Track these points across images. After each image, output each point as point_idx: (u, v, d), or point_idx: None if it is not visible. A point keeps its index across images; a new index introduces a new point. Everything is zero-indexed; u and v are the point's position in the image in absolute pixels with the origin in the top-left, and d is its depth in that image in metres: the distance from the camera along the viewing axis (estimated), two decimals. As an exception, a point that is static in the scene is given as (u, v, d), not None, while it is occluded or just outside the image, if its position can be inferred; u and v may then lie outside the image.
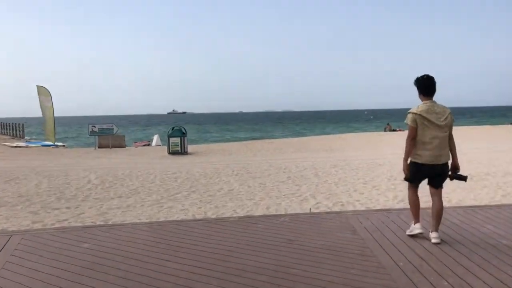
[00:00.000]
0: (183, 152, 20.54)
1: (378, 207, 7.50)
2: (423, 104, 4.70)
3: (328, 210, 7.27)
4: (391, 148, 20.10)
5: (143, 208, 8.39)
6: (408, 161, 4.80)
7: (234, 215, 7.28)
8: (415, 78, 4.80)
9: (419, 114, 4.62)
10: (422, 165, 4.68)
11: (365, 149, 20.76)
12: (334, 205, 7.99)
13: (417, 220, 4.89)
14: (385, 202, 8.15)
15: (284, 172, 12.91)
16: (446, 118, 4.65)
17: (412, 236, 4.86)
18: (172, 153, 20.42)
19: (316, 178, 11.55)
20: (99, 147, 25.63)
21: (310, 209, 7.59)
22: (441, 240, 4.64)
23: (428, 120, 4.60)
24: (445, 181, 4.80)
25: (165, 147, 21.90)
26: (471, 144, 20.77)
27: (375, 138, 28.24)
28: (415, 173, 4.78)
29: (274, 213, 7.56)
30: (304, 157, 17.20)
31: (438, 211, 4.72)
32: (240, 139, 38.12)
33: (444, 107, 4.73)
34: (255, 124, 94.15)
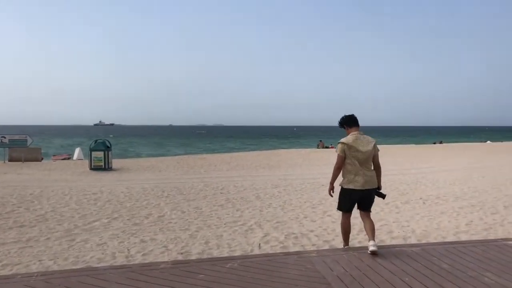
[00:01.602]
0: (106, 167, 18.48)
1: (339, 240, 6.41)
2: (351, 135, 5.12)
3: (284, 250, 6.00)
4: (329, 167, 19.46)
5: (48, 243, 6.65)
6: (339, 189, 5.17)
7: (167, 256, 5.81)
8: (338, 121, 5.32)
9: (347, 144, 5.02)
10: (354, 191, 5.03)
11: (303, 166, 19.96)
12: (286, 238, 6.77)
13: (346, 243, 5.37)
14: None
15: (221, 193, 11.55)
16: (372, 147, 5.07)
17: None
18: (94, 168, 18.30)
19: (259, 201, 10.32)
20: (9, 161, 22.61)
21: (260, 245, 6.32)
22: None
23: (356, 149, 5.00)
24: (372, 204, 5.23)
25: (87, 161, 19.69)
26: (409, 165, 20.80)
27: (310, 155, 27.71)
28: (347, 199, 5.13)
29: (215, 249, 6.20)
30: (241, 175, 15.95)
31: (371, 228, 5.08)
32: (171, 154, 36.14)
33: (370, 138, 5.17)
34: (186, 138, 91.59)
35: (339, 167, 5.10)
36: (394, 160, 22.91)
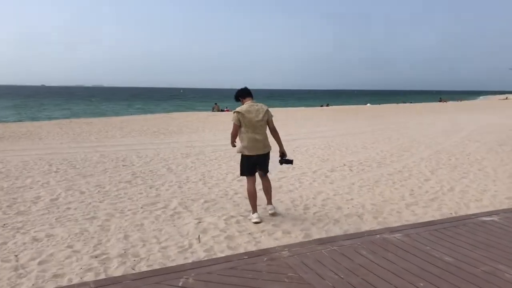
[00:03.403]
0: (-31, 136, 15.21)
1: (289, 222, 5.39)
2: (246, 104, 5.55)
3: (232, 243, 4.76)
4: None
5: None
6: (240, 155, 5.64)
7: (77, 266, 4.21)
8: (234, 95, 5.79)
9: (241, 113, 5.42)
10: (251, 156, 5.51)
11: (206, 131, 18.64)
12: (227, 223, 5.54)
13: (255, 210, 5.63)
14: (294, 209, 6.07)
15: (124, 165, 9.82)
16: (265, 113, 5.51)
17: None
18: (-48, 137, 14.93)
19: (172, 174, 8.88)
20: None
21: (199, 237, 5.01)
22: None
23: (249, 117, 5.41)
24: (268, 167, 5.72)
25: None
26: (312, 128, 20.66)
27: (208, 118, 26.38)
28: (246, 164, 5.59)
29: (140, 246, 4.76)
30: (141, 143, 14.14)
31: (267, 188, 5.84)
32: (49, 118, 31.96)
33: (262, 105, 5.60)
34: (65, 100, 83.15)
35: (235, 134, 5.58)
36: (295, 123, 22.74)
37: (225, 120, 24.77)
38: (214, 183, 8.05)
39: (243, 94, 5.70)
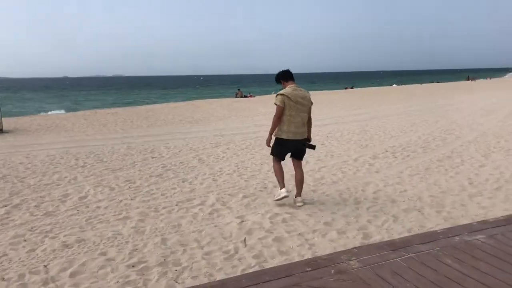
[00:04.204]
0: (-5, 130, 15.03)
1: (341, 216, 4.81)
2: (290, 87, 5.39)
3: (281, 246, 4.18)
4: (260, 118, 17.96)
5: None
6: (273, 138, 5.50)
7: (112, 278, 3.73)
8: (275, 76, 5.56)
9: (287, 96, 5.28)
10: (287, 140, 5.37)
11: (233, 118, 18.10)
12: (272, 222, 4.99)
13: (282, 185, 5.52)
14: (344, 203, 5.48)
15: (153, 157, 9.38)
16: (309, 100, 5.43)
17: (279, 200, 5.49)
18: (-21, 132, 14.77)
19: (204, 165, 8.38)
20: None
21: (245, 240, 4.48)
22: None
23: (295, 100, 5.27)
24: (304, 154, 5.64)
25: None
26: (340, 112, 19.96)
27: (232, 105, 25.83)
28: (280, 148, 5.50)
29: (180, 252, 4.25)
30: (169, 133, 13.70)
31: (300, 180, 5.61)
32: (74, 109, 31.97)
33: (305, 91, 5.48)
34: (90, 89, 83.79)
35: (279, 117, 5.34)
36: (323, 107, 22.00)
37: (249, 106, 24.21)
38: (250, 174, 7.52)
39: (285, 76, 5.52)
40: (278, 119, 5.34)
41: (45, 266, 4.03)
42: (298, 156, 5.61)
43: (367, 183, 6.60)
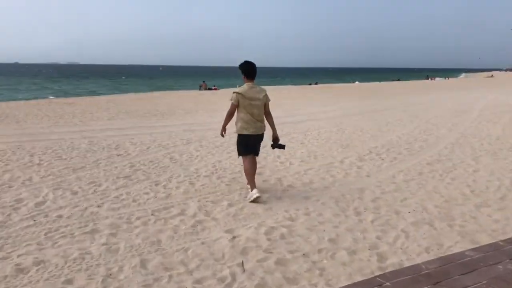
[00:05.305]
0: None
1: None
2: (246, 85, 5.54)
3: (287, 273, 3.56)
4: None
5: None
6: (236, 136, 5.72)
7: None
8: (240, 63, 5.60)
9: (241, 94, 5.43)
10: (248, 136, 5.57)
11: (201, 112, 17.23)
12: (268, 237, 4.32)
13: (254, 185, 5.60)
14: (344, 214, 4.87)
15: (119, 155, 8.48)
16: (263, 97, 5.56)
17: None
18: None
19: (178, 166, 7.59)
20: None
21: (243, 263, 3.78)
22: None
23: (249, 99, 5.44)
24: (260, 150, 5.86)
25: None
26: (312, 108, 19.51)
27: (198, 98, 24.91)
28: (244, 145, 5.67)
29: (166, 280, 3.51)
30: (133, 127, 12.71)
31: (255, 170, 5.80)
32: (26, 98, 29.85)
33: (262, 88, 5.64)
34: (38, 78, 79.58)
35: (231, 114, 5.59)
36: (290, 102, 21.52)
37: (216, 100, 23.40)
38: (230, 177, 6.81)
39: (247, 72, 5.57)
40: (230, 115, 5.59)
41: (-7, 301, 3.19)
42: (255, 152, 5.76)
43: (362, 190, 6.05)
